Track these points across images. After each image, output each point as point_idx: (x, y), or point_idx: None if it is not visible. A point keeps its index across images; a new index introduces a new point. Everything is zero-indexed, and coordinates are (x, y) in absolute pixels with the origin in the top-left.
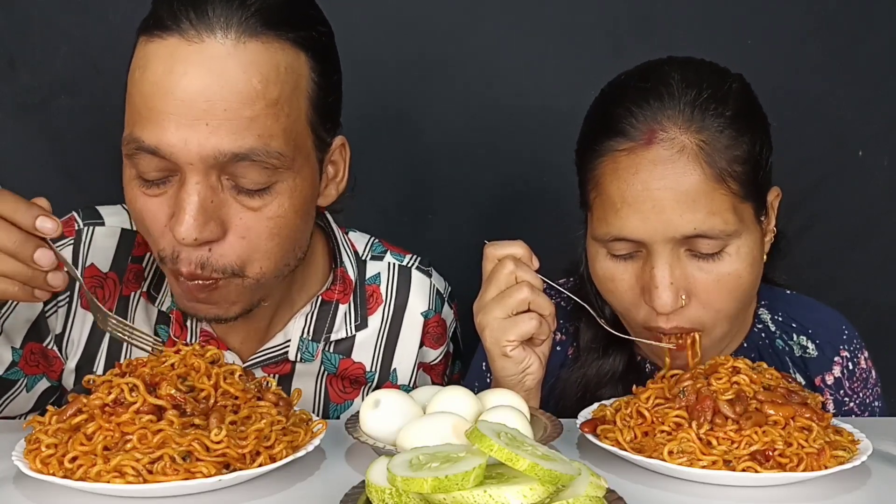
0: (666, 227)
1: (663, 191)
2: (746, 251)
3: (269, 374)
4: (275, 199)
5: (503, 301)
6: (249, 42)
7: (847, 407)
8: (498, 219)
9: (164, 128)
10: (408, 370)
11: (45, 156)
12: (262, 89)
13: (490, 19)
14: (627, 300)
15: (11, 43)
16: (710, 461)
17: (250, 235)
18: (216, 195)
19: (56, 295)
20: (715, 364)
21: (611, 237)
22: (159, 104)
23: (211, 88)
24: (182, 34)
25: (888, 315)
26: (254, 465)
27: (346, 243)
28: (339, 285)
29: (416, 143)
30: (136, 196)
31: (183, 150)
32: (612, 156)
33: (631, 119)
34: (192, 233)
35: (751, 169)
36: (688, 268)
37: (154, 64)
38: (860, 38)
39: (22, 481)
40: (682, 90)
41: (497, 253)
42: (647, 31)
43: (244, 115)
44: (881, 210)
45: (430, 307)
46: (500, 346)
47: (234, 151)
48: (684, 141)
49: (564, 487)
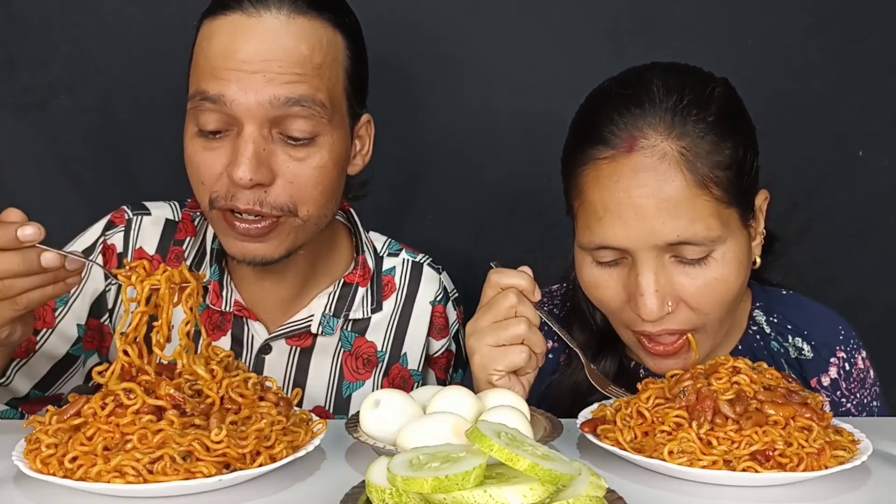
0: (649, 234)
1: (645, 198)
2: (732, 256)
3: (292, 346)
4: (317, 152)
5: (498, 331)
6: (298, 17)
7: (844, 408)
8: (496, 220)
9: (227, 81)
10: (417, 355)
11: (45, 156)
12: (309, 55)
13: (490, 19)
14: (614, 306)
15: (11, 43)
16: (710, 461)
17: (298, 181)
18: (268, 145)
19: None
20: (715, 364)
21: (595, 245)
22: (223, 64)
23: (268, 51)
24: (243, 10)
25: (888, 315)
26: (254, 465)
27: (367, 240)
28: (359, 270)
29: (416, 143)
30: (195, 150)
31: (242, 98)
32: (595, 164)
33: (612, 127)
34: (247, 174)
35: (734, 174)
36: (674, 274)
37: (218, 35)
38: (860, 38)
39: (22, 481)
40: (662, 96)
41: (502, 282)
42: (647, 31)
43: (295, 71)
44: (881, 210)
45: (436, 297)
46: (487, 373)
47: (287, 96)
48: (665, 148)
49: (564, 487)
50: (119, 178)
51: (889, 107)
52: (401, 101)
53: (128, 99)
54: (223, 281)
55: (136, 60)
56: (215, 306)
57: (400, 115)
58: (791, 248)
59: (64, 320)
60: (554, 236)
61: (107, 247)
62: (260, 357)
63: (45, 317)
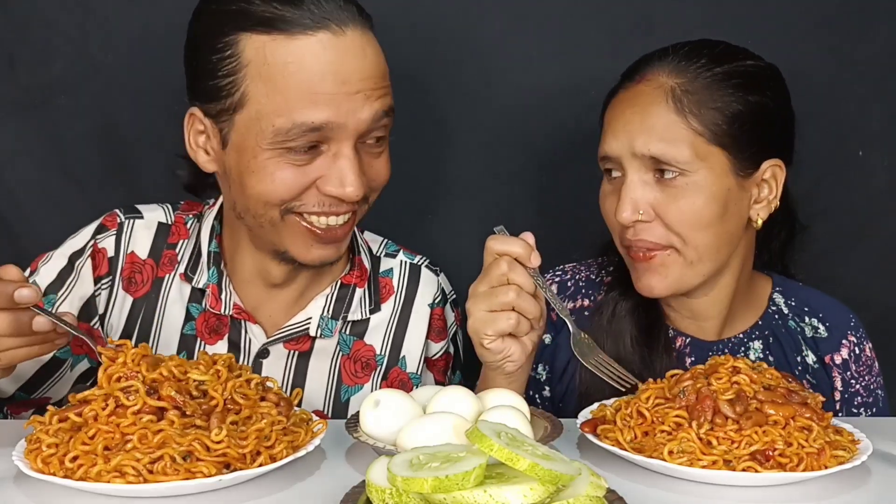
0: (629, 144)
1: (633, 115)
2: (705, 187)
3: (290, 350)
4: (384, 150)
5: (489, 298)
6: (366, 31)
7: (853, 388)
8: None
9: (329, 106)
10: (416, 359)
11: (45, 156)
12: (384, 66)
13: (490, 19)
14: (610, 219)
15: (11, 43)
16: (710, 461)
17: (378, 179)
18: (359, 156)
19: (101, 277)
20: (715, 364)
21: (600, 156)
22: (325, 87)
23: (364, 69)
24: (327, 28)
25: (888, 315)
26: (254, 464)
27: (362, 240)
28: (356, 271)
29: (416, 143)
30: (278, 165)
31: (345, 119)
32: (616, 93)
33: (637, 66)
34: (358, 191)
35: (726, 120)
36: (652, 191)
37: (310, 56)
38: (860, 38)
39: (22, 481)
40: (680, 48)
41: (497, 248)
42: (647, 31)
43: (384, 85)
44: (881, 210)
45: (435, 300)
46: (479, 337)
47: (383, 110)
48: (662, 81)
49: (564, 487)
50: (119, 178)
51: (889, 107)
52: (401, 101)
53: (128, 99)
54: (222, 284)
55: (136, 60)
56: (214, 309)
57: (400, 115)
58: (791, 247)
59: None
60: (554, 235)
61: (97, 250)
62: (258, 361)
63: None
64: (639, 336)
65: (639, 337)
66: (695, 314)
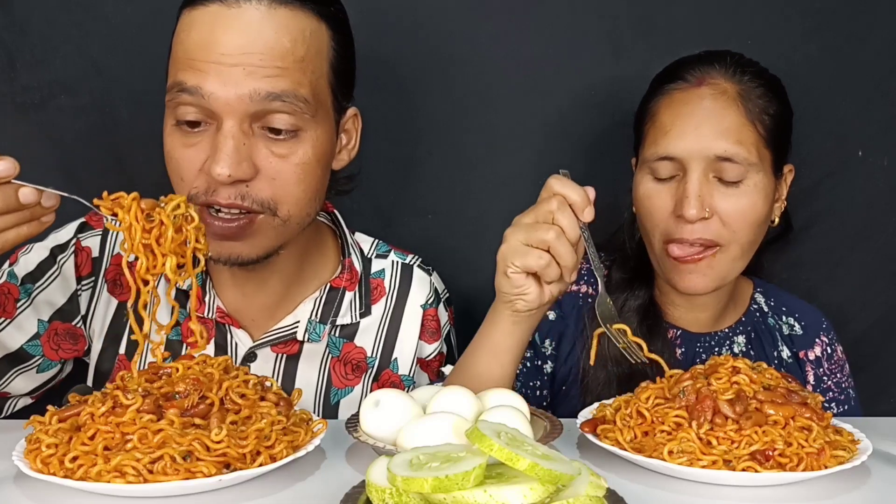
0: (702, 146)
1: (704, 118)
2: (762, 187)
3: (277, 353)
4: (300, 147)
5: (529, 232)
6: (280, 8)
7: (825, 385)
8: (496, 220)
9: (205, 73)
10: (408, 360)
11: (45, 156)
12: (291, 47)
13: (490, 19)
14: (659, 216)
15: (11, 43)
16: (710, 461)
17: (280, 178)
18: (248, 139)
19: (83, 277)
20: (715, 364)
21: (657, 156)
22: (201, 55)
23: (248, 44)
24: (222, 1)
25: (888, 315)
26: (254, 464)
27: (353, 242)
28: (346, 274)
29: (416, 142)
30: (174, 145)
31: (221, 91)
32: (670, 94)
33: (689, 69)
34: (226, 169)
35: (775, 124)
36: (714, 190)
37: (198, 26)
38: (860, 38)
39: (22, 481)
40: (728, 58)
41: (555, 187)
42: (647, 31)
43: (276, 65)
44: (881, 210)
45: (427, 300)
46: (505, 264)
47: (268, 90)
48: (726, 86)
49: (564, 487)
50: (118, 178)
51: (889, 107)
52: (400, 100)
53: (127, 99)
54: (206, 286)
55: (136, 60)
56: (198, 312)
57: (400, 114)
58: (791, 247)
59: (24, 313)
60: None
61: (81, 248)
62: (245, 365)
63: (5, 306)
64: (640, 332)
65: (640, 333)
66: (695, 307)
